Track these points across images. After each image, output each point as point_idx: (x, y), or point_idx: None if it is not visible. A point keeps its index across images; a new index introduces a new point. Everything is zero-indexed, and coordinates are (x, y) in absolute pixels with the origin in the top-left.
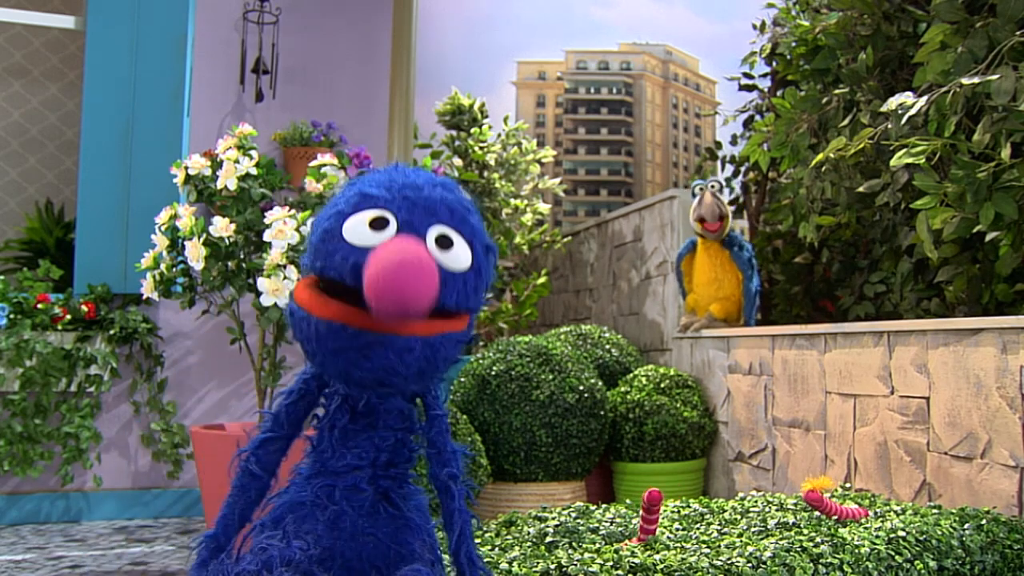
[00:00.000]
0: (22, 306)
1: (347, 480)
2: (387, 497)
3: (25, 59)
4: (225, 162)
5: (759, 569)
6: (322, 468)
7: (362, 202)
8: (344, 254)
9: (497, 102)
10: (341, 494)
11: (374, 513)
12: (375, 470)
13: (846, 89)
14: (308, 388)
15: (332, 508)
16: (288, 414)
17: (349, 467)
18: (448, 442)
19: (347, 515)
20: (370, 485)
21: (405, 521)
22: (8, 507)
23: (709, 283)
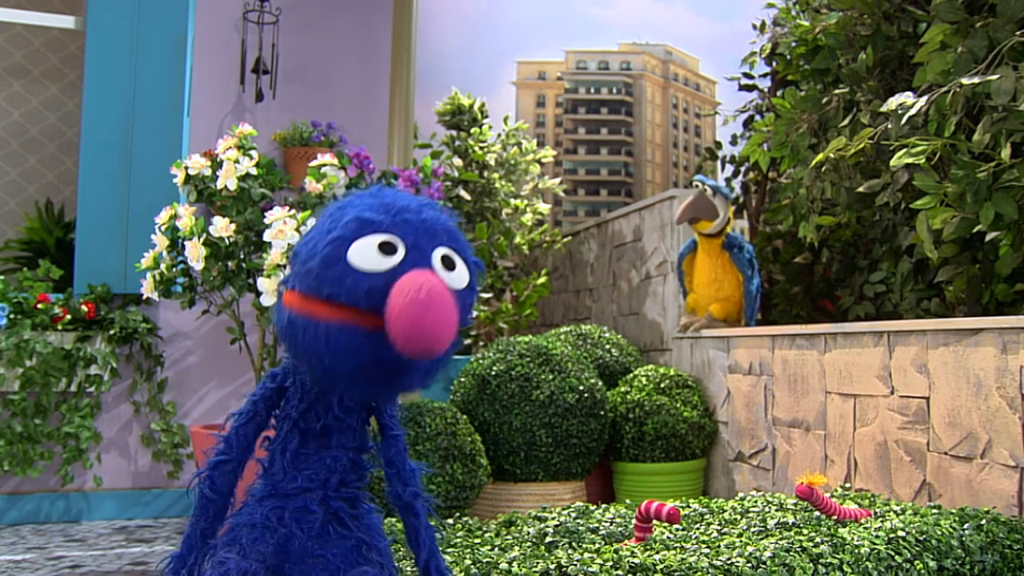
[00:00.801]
0: (22, 306)
1: (297, 502)
2: (338, 518)
3: (25, 59)
4: (225, 162)
5: (759, 569)
6: (273, 490)
7: (363, 227)
8: (355, 280)
9: (497, 102)
10: (291, 516)
11: (323, 535)
12: (326, 491)
13: (846, 89)
14: (257, 410)
15: (281, 531)
16: (239, 436)
17: (300, 489)
18: (407, 461)
19: (296, 537)
20: (320, 507)
21: (356, 542)
22: (8, 507)
23: (709, 283)
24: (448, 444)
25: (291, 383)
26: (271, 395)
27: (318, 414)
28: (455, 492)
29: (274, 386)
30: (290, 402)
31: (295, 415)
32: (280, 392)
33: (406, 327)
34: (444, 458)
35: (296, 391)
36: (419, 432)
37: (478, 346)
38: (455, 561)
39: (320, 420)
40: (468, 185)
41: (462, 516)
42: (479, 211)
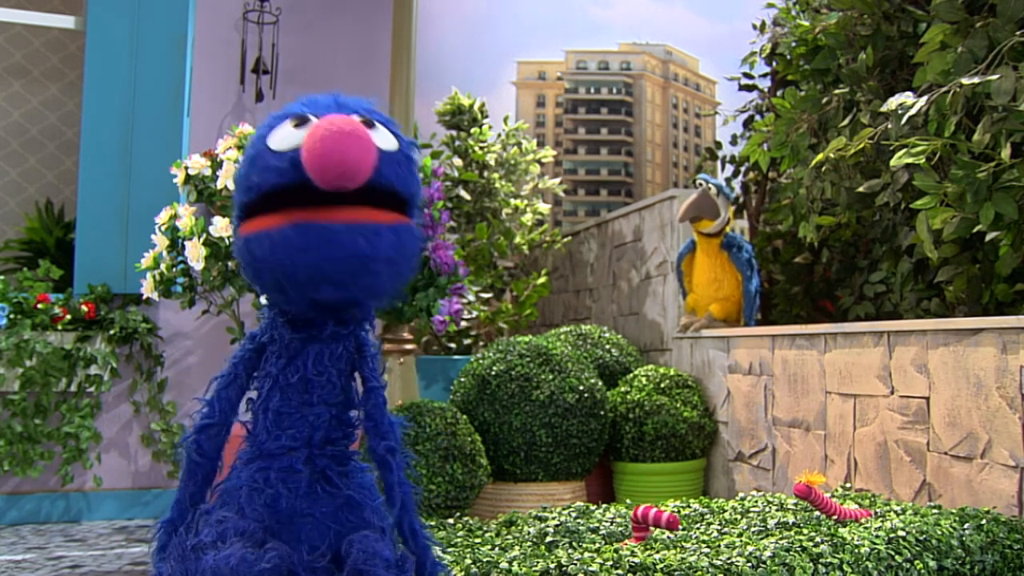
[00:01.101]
0: (22, 306)
1: (282, 462)
2: (325, 476)
3: (25, 59)
4: (225, 162)
5: (759, 569)
6: (258, 452)
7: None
8: (277, 159)
9: (497, 102)
10: (276, 476)
11: (311, 494)
12: (311, 449)
13: (846, 89)
14: (238, 372)
15: (268, 491)
16: (221, 399)
17: (284, 448)
18: (385, 414)
19: (283, 497)
20: (306, 465)
21: (345, 499)
22: (8, 507)
23: (709, 283)
24: (448, 444)
25: (269, 340)
26: (250, 356)
27: (297, 367)
28: (455, 492)
29: (252, 347)
30: (269, 360)
31: (275, 372)
32: (259, 352)
33: (317, 156)
34: (444, 458)
35: (275, 348)
36: (419, 432)
37: (478, 346)
38: (455, 560)
39: (299, 373)
40: (468, 185)
41: (462, 516)
42: (479, 211)
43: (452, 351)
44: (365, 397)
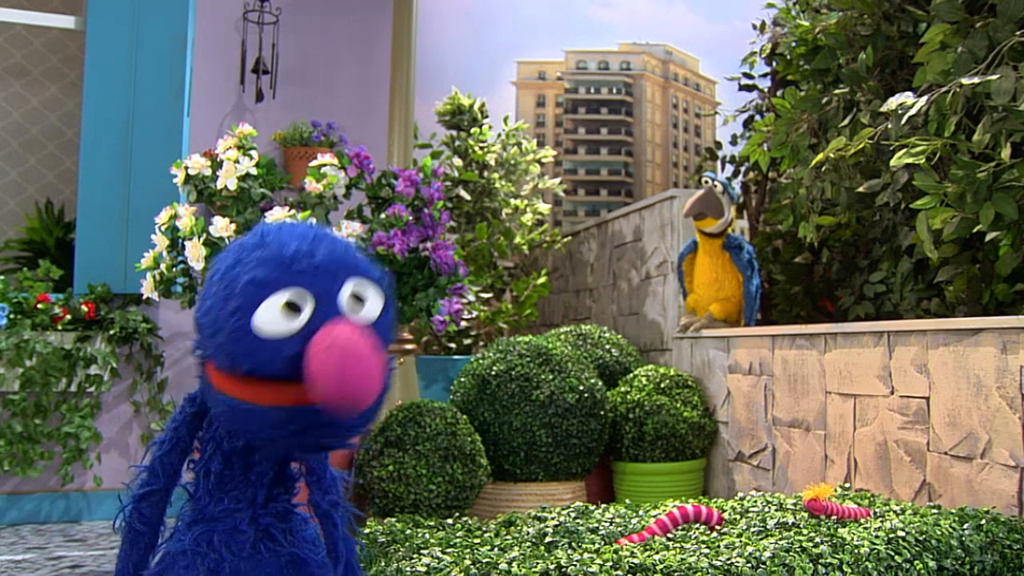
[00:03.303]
0: (22, 306)
1: (226, 524)
2: (268, 535)
3: (25, 59)
4: (225, 162)
5: (759, 569)
6: (200, 515)
7: (260, 291)
8: (270, 351)
9: (497, 102)
10: (220, 539)
11: (255, 555)
12: (254, 509)
13: (846, 89)
14: (179, 436)
15: (211, 556)
16: (163, 464)
17: (227, 511)
18: (328, 468)
19: (227, 561)
20: (250, 526)
21: (289, 557)
22: (8, 507)
23: (709, 284)
24: (448, 444)
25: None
26: (192, 419)
27: (233, 440)
28: (455, 492)
29: (193, 410)
30: (212, 424)
31: (218, 437)
32: (200, 415)
33: (330, 391)
34: (444, 458)
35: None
36: (419, 432)
37: (478, 346)
38: (455, 561)
39: (242, 439)
40: (468, 185)
41: (462, 516)
42: (479, 211)
43: (452, 351)
44: None
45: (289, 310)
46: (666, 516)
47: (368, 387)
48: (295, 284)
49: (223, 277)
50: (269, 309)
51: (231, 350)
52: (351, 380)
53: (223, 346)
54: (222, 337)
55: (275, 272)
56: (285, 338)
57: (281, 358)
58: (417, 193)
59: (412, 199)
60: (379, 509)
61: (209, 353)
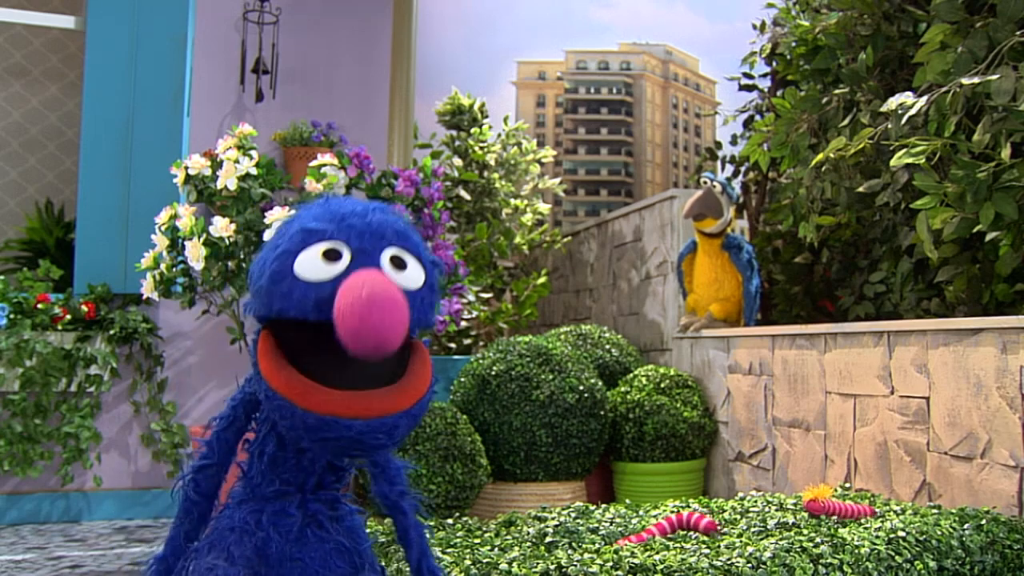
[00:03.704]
0: (22, 306)
1: (275, 506)
2: (316, 521)
3: (25, 59)
4: (225, 162)
5: (759, 569)
6: (251, 494)
7: (308, 237)
8: (302, 292)
9: (497, 102)
10: (268, 520)
11: (301, 538)
12: (303, 494)
13: (846, 89)
14: (237, 414)
15: (259, 535)
16: (220, 441)
17: (277, 493)
18: (391, 459)
19: (273, 541)
20: (299, 510)
21: (334, 545)
22: (8, 507)
23: (709, 284)
24: (448, 444)
25: None
26: (250, 398)
27: None
28: (455, 492)
29: (251, 389)
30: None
31: (264, 419)
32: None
33: (351, 327)
34: (444, 458)
35: None
36: (419, 432)
37: (478, 346)
38: (455, 561)
39: None
40: (468, 185)
41: (462, 516)
42: (479, 211)
43: (452, 351)
44: None
45: (328, 259)
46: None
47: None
48: (340, 236)
49: (281, 229)
50: (310, 253)
51: (268, 288)
52: (375, 319)
53: (263, 287)
54: (264, 279)
55: (324, 223)
56: (319, 282)
57: (313, 299)
58: (417, 193)
59: (412, 199)
60: (379, 509)
61: (251, 305)
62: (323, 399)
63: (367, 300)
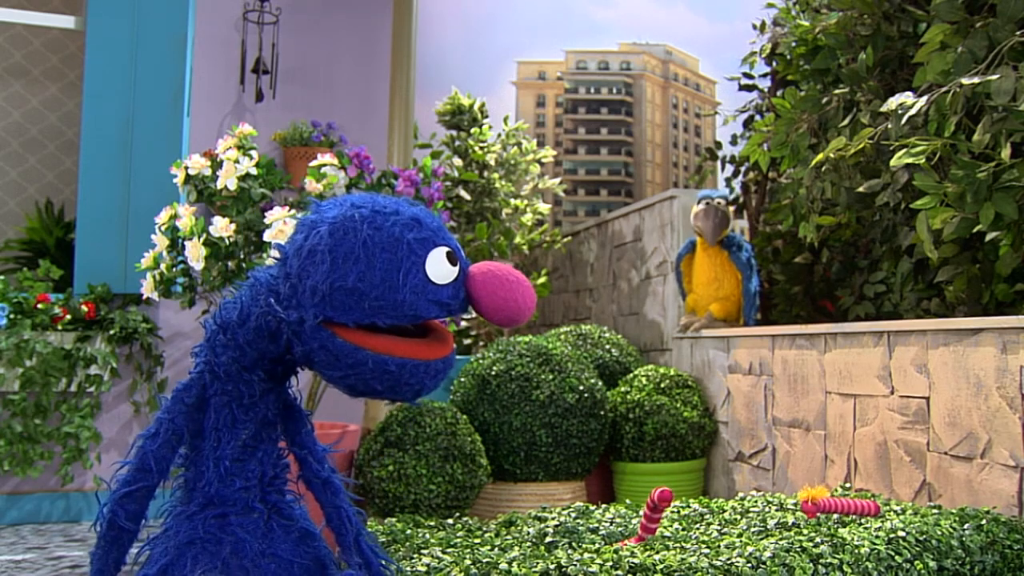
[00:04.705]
0: (22, 306)
1: (238, 505)
2: (278, 510)
3: (25, 59)
4: (225, 162)
5: (759, 569)
6: (209, 500)
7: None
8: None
9: (497, 102)
10: (236, 521)
11: (269, 532)
12: (263, 486)
13: (846, 89)
14: (175, 428)
15: (227, 539)
16: (157, 459)
17: (239, 490)
18: (316, 441)
19: (244, 541)
20: (261, 503)
21: (300, 532)
22: (8, 507)
23: (709, 283)
24: (448, 444)
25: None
26: (189, 411)
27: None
28: (455, 492)
29: (192, 401)
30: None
31: (228, 422)
32: (198, 406)
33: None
34: (444, 458)
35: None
36: (419, 432)
37: (478, 346)
38: (455, 561)
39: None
40: (468, 185)
41: (462, 516)
42: (479, 211)
43: None
44: (296, 425)
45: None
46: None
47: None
48: (444, 241)
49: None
50: (436, 256)
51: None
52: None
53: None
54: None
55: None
56: (451, 283)
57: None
58: (417, 193)
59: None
60: (379, 509)
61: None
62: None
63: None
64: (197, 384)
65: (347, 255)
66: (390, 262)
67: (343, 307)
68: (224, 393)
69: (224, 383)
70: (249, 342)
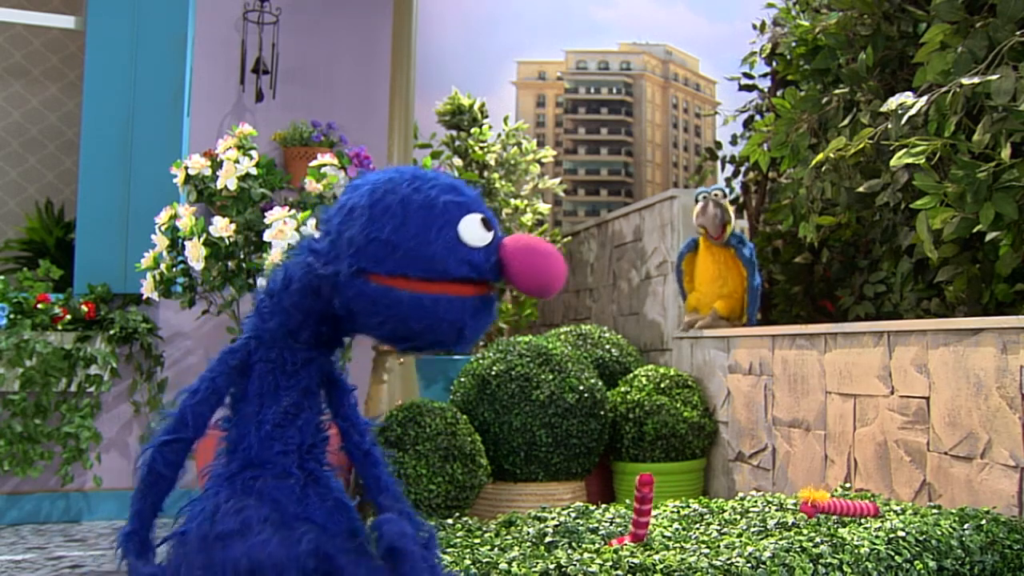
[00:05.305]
0: (22, 306)
1: (276, 468)
2: (314, 477)
3: (25, 59)
4: (225, 162)
5: (759, 569)
6: (246, 463)
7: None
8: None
9: (497, 102)
10: (273, 484)
11: (304, 498)
12: (301, 454)
13: (846, 89)
14: (216, 387)
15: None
16: (194, 414)
17: (278, 454)
18: (359, 414)
19: (280, 503)
20: (299, 469)
21: (335, 502)
22: (8, 507)
23: (713, 280)
24: (448, 444)
25: (258, 361)
26: (232, 373)
27: (298, 381)
28: (455, 492)
29: (236, 363)
30: (262, 378)
31: (270, 388)
32: (241, 370)
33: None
34: (444, 458)
35: (269, 366)
36: (419, 432)
37: (478, 346)
38: (455, 561)
39: (299, 387)
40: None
41: (462, 516)
42: None
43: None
44: (340, 399)
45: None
46: None
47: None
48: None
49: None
50: (471, 221)
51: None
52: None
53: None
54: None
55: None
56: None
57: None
58: None
59: None
60: None
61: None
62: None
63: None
64: (243, 349)
65: (385, 210)
66: (425, 220)
67: (376, 258)
68: (268, 360)
69: (269, 349)
70: (294, 304)
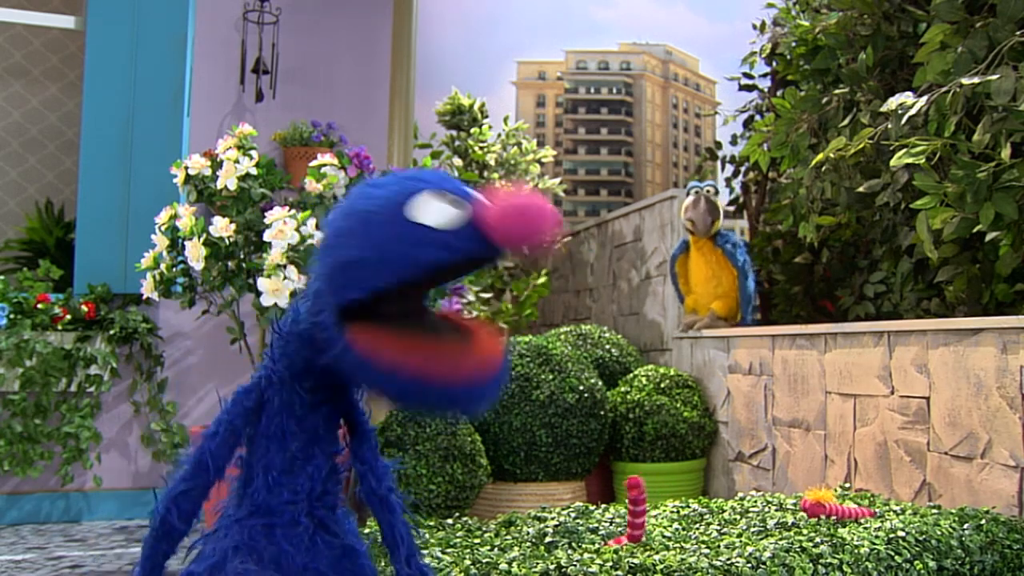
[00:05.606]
0: (22, 306)
1: (284, 517)
2: (323, 525)
3: (25, 59)
4: (225, 162)
5: (759, 569)
6: (255, 508)
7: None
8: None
9: (497, 102)
10: (281, 533)
11: (312, 547)
12: (311, 501)
13: (846, 89)
14: (234, 428)
15: (271, 548)
16: (215, 459)
17: (286, 503)
18: (379, 457)
19: (288, 554)
20: (307, 518)
21: (342, 548)
22: (8, 507)
23: (707, 281)
24: (448, 444)
25: (272, 399)
26: (249, 413)
27: (309, 425)
28: (455, 492)
29: (251, 404)
30: (273, 419)
31: (278, 431)
32: (257, 410)
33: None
34: (444, 458)
35: (279, 408)
36: (419, 432)
37: None
38: (455, 561)
39: (309, 431)
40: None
41: (462, 516)
42: None
43: None
44: (359, 442)
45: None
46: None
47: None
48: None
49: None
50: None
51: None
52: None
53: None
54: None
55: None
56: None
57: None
58: None
59: None
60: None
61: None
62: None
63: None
64: (256, 388)
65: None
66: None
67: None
68: (277, 401)
69: (279, 390)
70: (296, 350)
